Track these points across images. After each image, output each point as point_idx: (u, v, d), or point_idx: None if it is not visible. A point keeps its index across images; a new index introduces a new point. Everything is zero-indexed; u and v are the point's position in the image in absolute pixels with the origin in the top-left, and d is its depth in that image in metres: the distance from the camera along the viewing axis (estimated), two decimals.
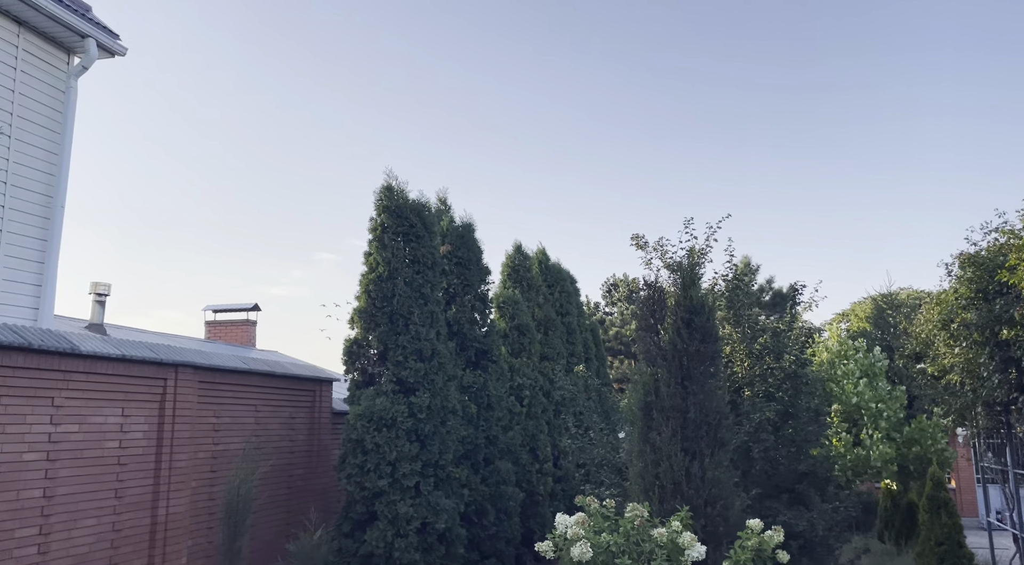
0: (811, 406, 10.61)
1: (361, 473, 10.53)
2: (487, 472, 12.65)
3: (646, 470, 7.67)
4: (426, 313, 11.47)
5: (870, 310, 22.78)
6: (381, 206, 11.65)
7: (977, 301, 10.00)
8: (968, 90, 50.63)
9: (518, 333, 15.19)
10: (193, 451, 9.78)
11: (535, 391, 15.04)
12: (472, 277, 13.52)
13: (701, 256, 10.36)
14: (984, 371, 10.15)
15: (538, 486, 14.32)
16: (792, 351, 10.52)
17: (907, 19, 47.05)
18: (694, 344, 8.02)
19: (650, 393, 7.97)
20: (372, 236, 11.60)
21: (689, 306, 8.18)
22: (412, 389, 11.10)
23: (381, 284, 11.28)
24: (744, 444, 9.72)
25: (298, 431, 12.49)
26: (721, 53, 50.66)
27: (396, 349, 11.11)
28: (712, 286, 11.28)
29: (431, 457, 10.92)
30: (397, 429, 10.70)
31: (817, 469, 10.24)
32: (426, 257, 11.71)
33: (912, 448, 15.36)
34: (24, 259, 8.54)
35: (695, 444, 7.66)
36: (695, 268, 8.30)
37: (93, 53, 9.09)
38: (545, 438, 14.92)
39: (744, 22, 48.60)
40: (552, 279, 18.43)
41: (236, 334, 15.99)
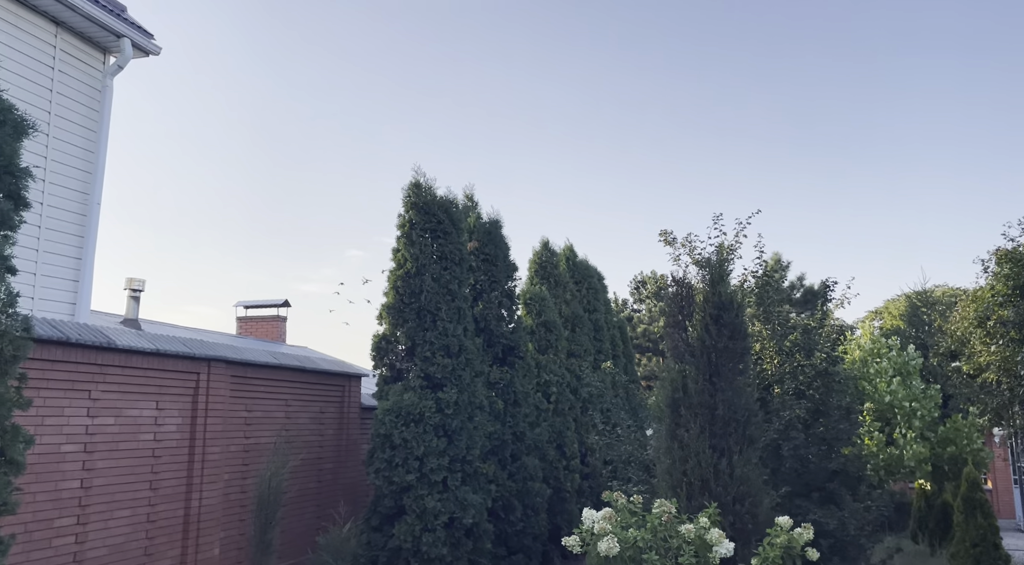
0: (842, 404, 10.48)
1: (389, 467, 10.62)
2: (514, 468, 12.68)
3: (674, 467, 7.64)
4: (453, 309, 11.52)
5: (904, 307, 22.39)
6: (409, 203, 11.73)
7: (1015, 298, 9.79)
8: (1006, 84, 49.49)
9: (545, 330, 15.19)
10: (225, 444, 9.94)
11: (562, 388, 15.03)
12: (499, 273, 13.54)
13: (730, 252, 10.27)
14: (1021, 369, 9.94)
15: (565, 482, 14.31)
16: (823, 348, 10.39)
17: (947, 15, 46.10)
18: (723, 341, 7.97)
19: (678, 390, 7.93)
20: (400, 233, 11.69)
21: (718, 302, 8.12)
22: (440, 385, 11.16)
23: (409, 280, 11.36)
24: (774, 442, 9.63)
25: (327, 425, 12.63)
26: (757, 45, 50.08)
27: (424, 345, 11.18)
28: (741, 283, 11.18)
29: (458, 452, 10.97)
30: (425, 424, 10.77)
31: (848, 468, 10.10)
32: (453, 253, 11.76)
33: (947, 448, 15.08)
34: (62, 255, 8.74)
35: (723, 441, 7.61)
36: (724, 264, 8.24)
37: (128, 52, 9.27)
38: (572, 435, 14.90)
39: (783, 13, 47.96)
40: (579, 276, 18.38)
41: (267, 330, 16.20)
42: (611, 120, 56.68)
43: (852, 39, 48.33)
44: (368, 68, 52.01)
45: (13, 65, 8.13)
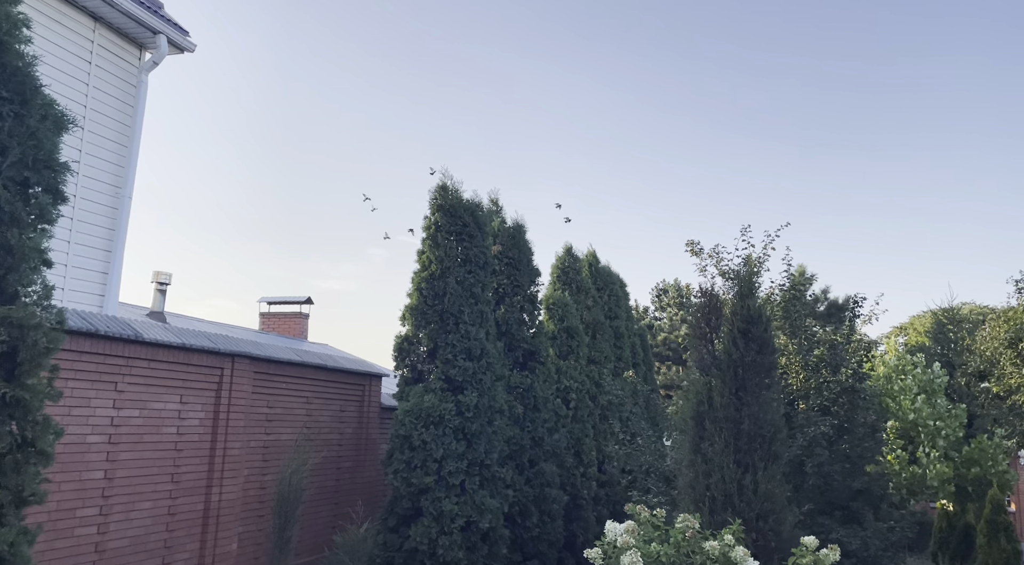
0: (868, 421, 10.33)
1: (408, 469, 10.62)
2: (532, 473, 12.63)
3: (697, 480, 7.57)
4: (476, 312, 11.51)
5: (930, 324, 22.06)
6: (435, 205, 11.74)
7: None
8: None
9: (566, 335, 15.13)
10: (246, 440, 9.99)
11: (582, 394, 14.96)
12: (522, 278, 13.51)
13: (758, 265, 10.18)
14: None
15: (582, 490, 14.24)
16: (850, 364, 10.25)
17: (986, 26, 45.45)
18: (750, 354, 7.89)
19: (703, 403, 7.86)
20: (426, 235, 11.70)
21: (746, 316, 8.04)
22: (460, 388, 11.14)
23: (433, 282, 11.37)
24: (797, 458, 9.52)
25: (347, 424, 12.65)
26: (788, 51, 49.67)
27: (446, 347, 11.18)
28: (768, 295, 11.06)
29: (477, 456, 10.95)
30: (444, 427, 10.77)
31: (872, 486, 9.96)
32: (478, 257, 11.75)
33: (971, 469, 14.83)
34: (92, 247, 8.83)
35: (748, 456, 7.52)
36: (753, 277, 8.16)
37: (164, 49, 9.35)
38: (590, 442, 14.83)
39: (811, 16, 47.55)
40: (602, 282, 18.31)
41: (289, 326, 16.29)
42: (637, 124, 56.46)
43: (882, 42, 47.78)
44: (396, 69, 52.22)
45: (53, 59, 8.23)
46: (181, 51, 9.76)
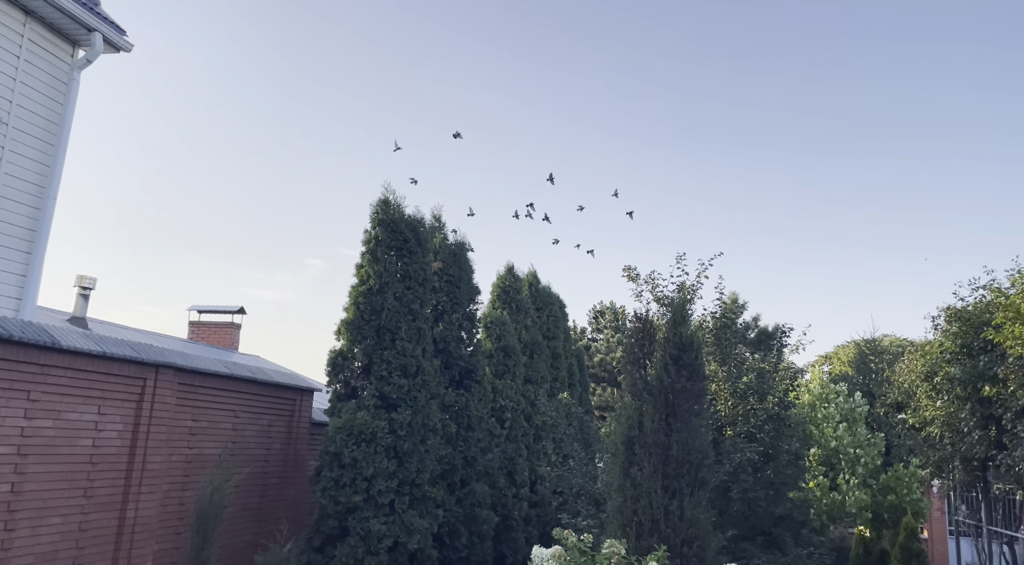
0: (792, 449, 10.61)
1: (336, 487, 10.42)
2: (463, 493, 12.55)
3: (625, 505, 7.63)
4: (414, 329, 11.43)
5: (853, 354, 22.93)
6: (376, 219, 11.63)
7: (961, 356, 10.08)
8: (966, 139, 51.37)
9: (504, 354, 15.14)
10: (167, 454, 9.64)
11: (517, 414, 14.96)
12: (462, 296, 13.49)
13: (691, 292, 10.39)
14: (964, 426, 10.20)
15: (513, 510, 14.20)
16: (776, 392, 10.53)
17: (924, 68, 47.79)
18: (681, 381, 8.02)
19: (634, 427, 7.95)
20: (365, 248, 11.58)
21: (678, 343, 8.19)
22: (394, 405, 11.02)
23: (371, 297, 11.23)
24: (723, 484, 9.70)
25: (275, 439, 12.34)
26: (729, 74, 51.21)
27: (381, 363, 11.05)
28: (701, 322, 11.30)
29: (408, 475, 10.82)
30: (376, 445, 10.62)
31: (794, 513, 10.22)
32: (418, 273, 11.69)
33: (887, 496, 15.38)
34: (11, 248, 8.43)
35: (676, 482, 7.63)
36: (685, 305, 8.32)
37: (99, 47, 9.05)
38: (524, 462, 14.82)
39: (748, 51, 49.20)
40: (541, 302, 18.41)
41: (219, 336, 15.84)
42: (576, 146, 57.27)
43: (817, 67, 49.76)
44: (343, 79, 51.79)
45: None
46: (117, 50, 9.46)
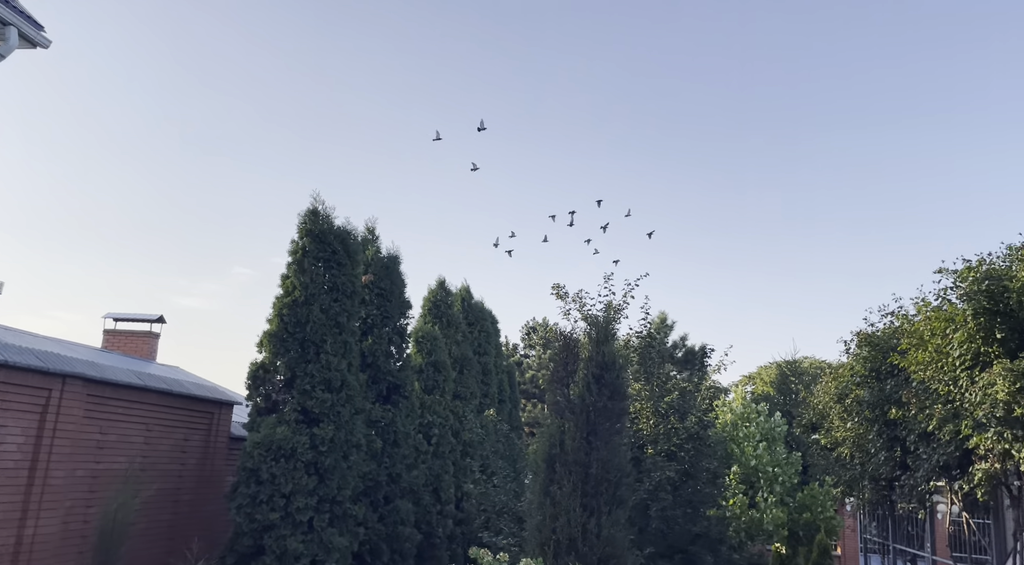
0: (711, 467, 10.83)
1: (252, 504, 10.12)
2: (386, 511, 12.35)
3: (544, 524, 7.65)
4: (340, 342, 11.25)
5: (775, 375, 23.64)
6: (304, 229, 11.43)
7: (870, 379, 10.51)
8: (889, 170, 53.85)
9: (433, 370, 15.03)
10: (71, 468, 9.20)
11: (444, 430, 14.85)
12: (392, 309, 13.35)
13: (618, 312, 10.54)
14: (872, 447, 10.62)
15: (437, 528, 14.05)
16: (697, 412, 10.75)
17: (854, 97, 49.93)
18: (602, 400, 8.12)
19: (555, 446, 7.99)
20: (292, 259, 11.36)
21: (601, 362, 8.29)
22: (316, 420, 10.80)
23: (296, 309, 11.01)
24: (643, 501, 9.83)
25: (190, 454, 11.92)
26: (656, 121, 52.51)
27: (304, 377, 10.82)
28: (626, 341, 11.47)
29: (329, 492, 10.61)
30: (296, 461, 10.38)
31: (711, 531, 10.41)
32: (346, 285, 11.52)
33: (803, 514, 15.85)
34: None
35: (594, 500, 7.69)
36: (610, 324, 8.44)
37: (13, 42, 8.64)
38: (450, 479, 14.70)
39: None
40: (473, 317, 18.37)
41: (136, 345, 15.25)
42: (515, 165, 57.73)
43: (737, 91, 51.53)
44: (275, 91, 50.97)
45: None
46: (34, 46, 9.06)
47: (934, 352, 8.16)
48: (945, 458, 8.86)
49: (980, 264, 7.62)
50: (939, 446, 8.86)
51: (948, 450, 8.72)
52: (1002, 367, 7.08)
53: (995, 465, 7.99)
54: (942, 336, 7.98)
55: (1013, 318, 7.32)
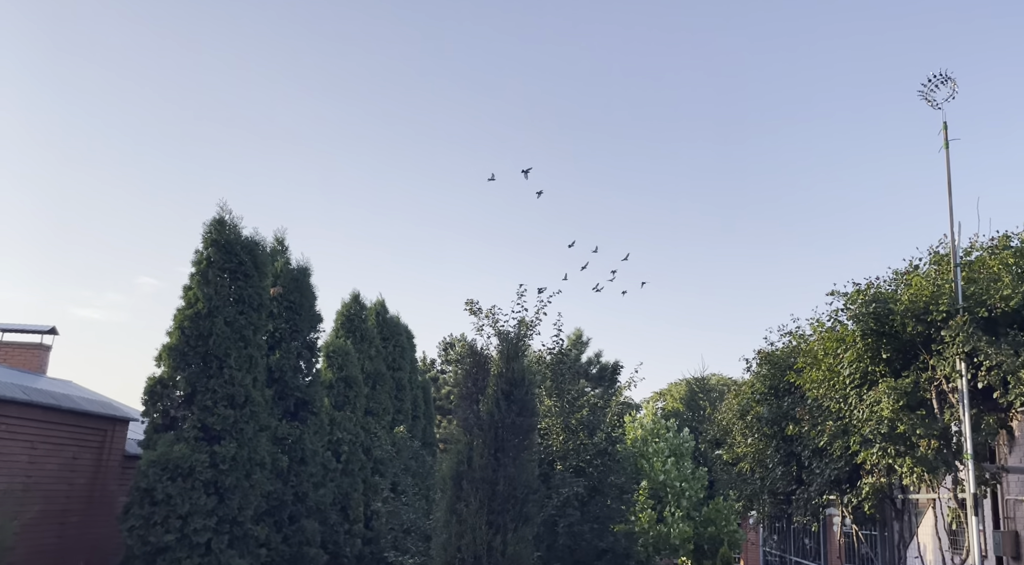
0: (618, 483, 10.99)
1: (146, 526, 9.66)
2: (291, 531, 12.00)
3: (449, 542, 7.58)
4: (245, 357, 10.90)
5: (684, 392, 24.31)
6: (209, 239, 11.06)
7: (769, 397, 10.94)
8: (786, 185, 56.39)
9: (344, 385, 14.75)
10: None
11: (355, 447, 14.57)
12: (302, 323, 13.05)
13: (530, 328, 10.59)
14: (770, 462, 11.03)
15: (345, 548, 13.74)
16: (605, 428, 10.90)
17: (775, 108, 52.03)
18: (511, 416, 8.13)
19: (463, 463, 7.95)
20: (195, 270, 10.96)
21: (511, 378, 8.31)
22: (218, 437, 10.41)
23: (198, 322, 10.61)
24: (551, 517, 9.88)
25: (80, 473, 11.27)
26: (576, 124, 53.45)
27: (206, 393, 10.43)
28: (538, 358, 11.55)
29: (229, 512, 10.23)
30: (195, 480, 9.98)
31: (617, 546, 10.55)
32: (253, 298, 11.20)
33: (708, 528, 16.29)
34: None
35: (501, 517, 7.68)
36: (519, 341, 8.48)
37: None
38: (359, 497, 14.42)
39: None
40: (388, 332, 18.16)
41: (25, 358, 14.35)
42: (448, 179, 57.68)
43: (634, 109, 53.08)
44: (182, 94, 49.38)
45: None
46: None
47: (826, 371, 8.56)
48: (836, 473, 9.28)
49: (868, 287, 8.05)
50: (831, 461, 9.28)
51: (839, 465, 9.14)
52: (887, 386, 7.49)
53: (881, 479, 8.43)
54: (834, 355, 8.38)
55: (897, 339, 7.75)
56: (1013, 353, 6.56)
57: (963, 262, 7.85)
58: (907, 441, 7.46)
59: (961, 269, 7.43)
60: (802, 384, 9.09)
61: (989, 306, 6.89)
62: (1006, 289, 6.87)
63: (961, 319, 6.94)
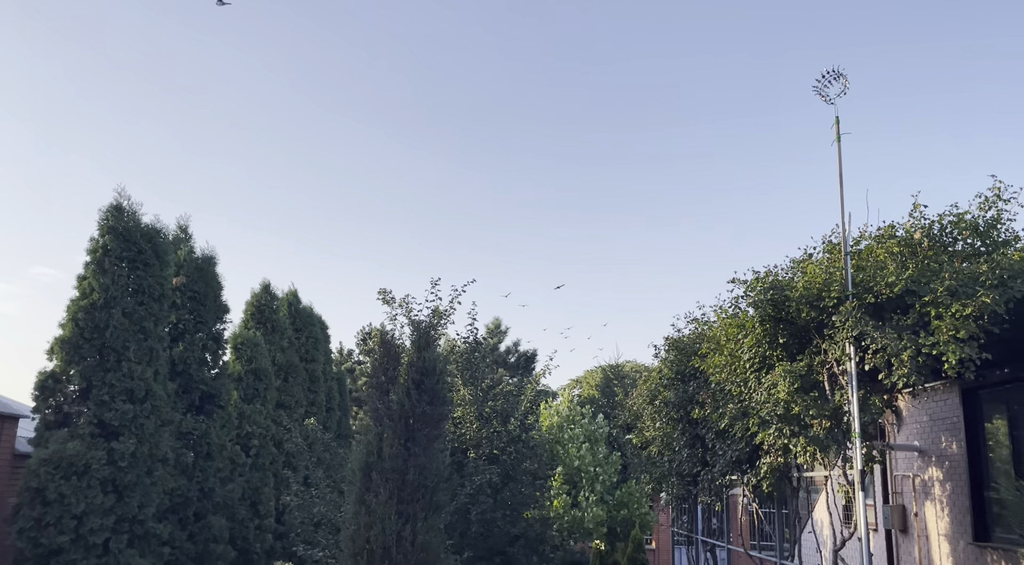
0: (532, 470, 11.12)
1: (38, 527, 9.20)
2: (196, 528, 11.63)
3: (358, 533, 7.49)
4: (145, 349, 10.48)
5: (600, 379, 24.81)
6: (106, 227, 10.56)
7: (676, 382, 11.28)
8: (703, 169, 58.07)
9: (254, 378, 14.35)
10: None
11: (265, 440, 14.22)
12: (207, 314, 12.62)
13: (443, 317, 10.57)
14: (677, 445, 11.40)
15: (255, 544, 13.41)
16: (518, 415, 11.00)
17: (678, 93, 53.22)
18: (422, 405, 8.08)
19: (372, 453, 7.85)
20: (91, 258, 10.46)
21: (421, 367, 8.25)
22: (116, 433, 9.99)
23: (93, 313, 10.13)
24: (464, 505, 9.90)
25: None
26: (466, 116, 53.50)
27: (102, 387, 9.98)
28: (452, 347, 11.53)
29: (129, 511, 9.84)
30: (90, 478, 9.55)
31: (530, 532, 10.68)
32: (153, 288, 10.76)
33: (621, 511, 16.68)
34: None
35: (411, 507, 7.64)
36: (431, 330, 8.44)
37: None
38: (270, 491, 14.09)
39: None
40: (301, 323, 17.76)
41: None
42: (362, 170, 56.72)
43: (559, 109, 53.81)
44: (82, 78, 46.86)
45: None
46: None
47: (728, 356, 8.87)
48: (738, 454, 9.66)
49: (767, 275, 8.37)
50: (733, 443, 9.66)
51: (740, 446, 9.52)
52: (783, 369, 7.82)
53: (778, 459, 8.81)
54: (735, 341, 8.69)
55: (793, 324, 8.09)
56: (896, 336, 6.95)
57: (853, 251, 8.26)
58: (801, 421, 7.82)
59: (851, 258, 7.82)
60: (706, 369, 9.39)
61: (875, 292, 7.26)
62: (890, 276, 7.26)
63: (850, 305, 7.31)
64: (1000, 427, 9.67)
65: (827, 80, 8.06)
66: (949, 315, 6.68)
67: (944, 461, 9.97)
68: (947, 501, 9.84)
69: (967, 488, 9.42)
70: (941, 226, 8.24)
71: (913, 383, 6.98)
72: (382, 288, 10.66)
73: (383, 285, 17.33)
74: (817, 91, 8.14)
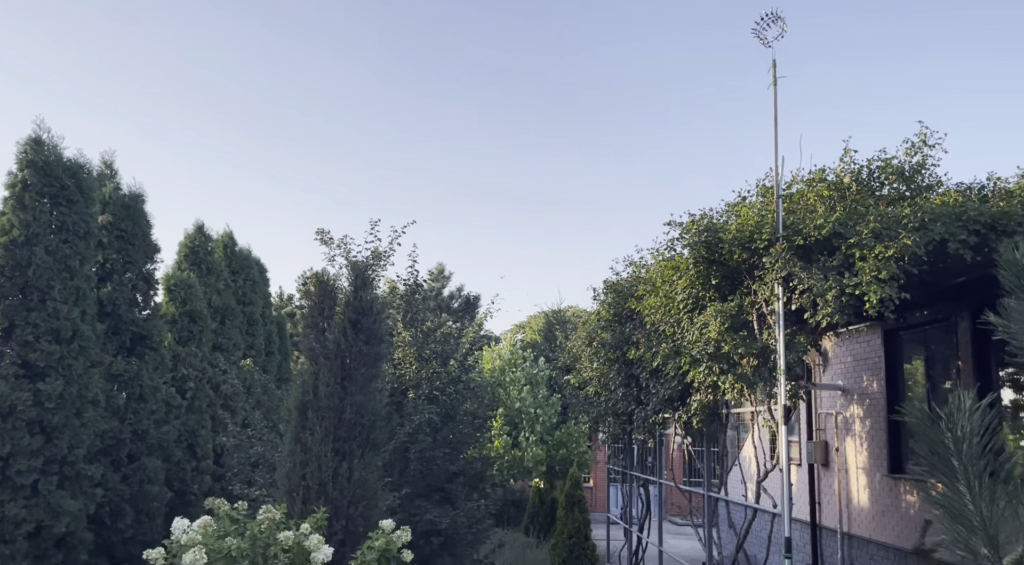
0: (471, 410, 11.26)
1: None
2: (130, 470, 11.49)
3: (294, 470, 7.50)
4: (71, 289, 10.12)
5: (542, 324, 25.13)
6: (25, 160, 10.06)
7: (614, 324, 11.49)
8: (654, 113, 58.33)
9: (189, 319, 14.06)
10: None
11: (201, 383, 14.02)
12: (136, 253, 12.23)
13: (384, 258, 10.48)
14: (613, 385, 11.69)
15: (192, 485, 13.34)
16: (458, 357, 11.07)
17: None
18: (359, 345, 8.04)
19: (308, 392, 7.82)
20: (9, 193, 10.00)
21: (358, 307, 8.19)
22: (42, 374, 9.71)
23: (14, 250, 9.72)
24: (403, 444, 10.00)
25: None
26: None
27: (26, 327, 9.65)
28: (391, 289, 11.47)
29: (58, 452, 9.64)
30: (16, 419, 9.32)
31: (467, 470, 10.89)
32: (78, 225, 10.34)
33: (560, 450, 17.13)
34: None
35: (347, 445, 7.66)
36: (368, 270, 8.35)
37: None
38: (207, 433, 13.97)
39: None
40: (238, 265, 17.37)
41: None
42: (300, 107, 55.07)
43: None
44: None
45: None
46: None
47: (663, 297, 9.06)
48: (670, 392, 9.96)
49: (702, 218, 8.49)
50: (665, 381, 9.94)
51: (672, 384, 9.80)
52: (714, 309, 8.03)
53: (708, 396, 9.11)
54: (670, 283, 8.86)
55: (726, 266, 8.27)
56: (823, 277, 7.17)
57: (785, 195, 8.44)
58: (730, 360, 8.07)
59: (783, 201, 7.99)
60: (642, 310, 9.58)
61: (804, 235, 7.46)
62: (819, 219, 7.45)
63: (780, 247, 7.49)
64: (918, 367, 10.18)
65: (766, 23, 8.08)
66: (872, 256, 6.91)
67: (865, 399, 10.47)
68: (866, 436, 10.38)
69: (885, 424, 9.94)
70: (870, 171, 8.46)
71: (836, 322, 7.24)
72: (320, 228, 10.46)
73: (328, 226, 16.98)
74: (755, 34, 8.16)
